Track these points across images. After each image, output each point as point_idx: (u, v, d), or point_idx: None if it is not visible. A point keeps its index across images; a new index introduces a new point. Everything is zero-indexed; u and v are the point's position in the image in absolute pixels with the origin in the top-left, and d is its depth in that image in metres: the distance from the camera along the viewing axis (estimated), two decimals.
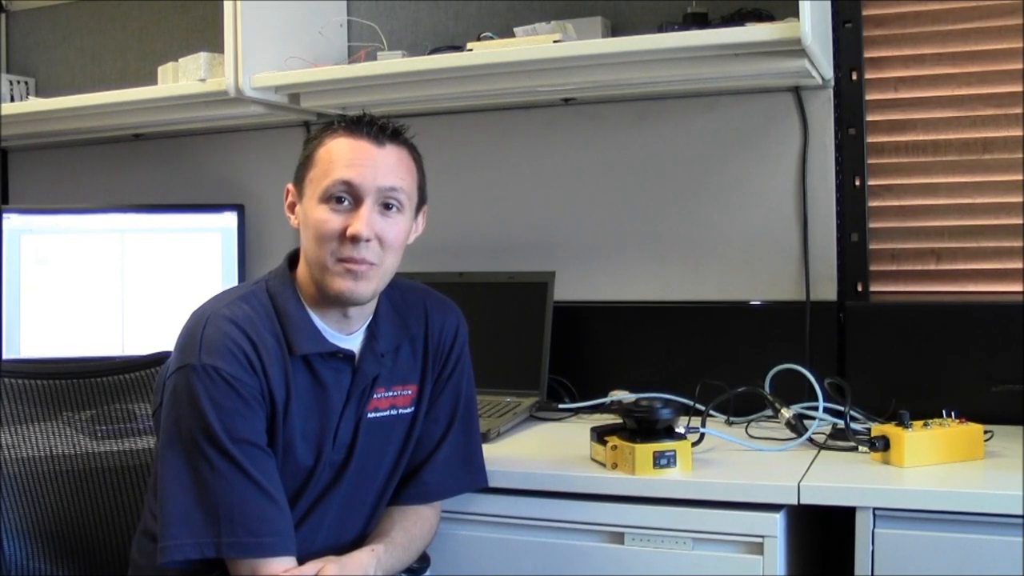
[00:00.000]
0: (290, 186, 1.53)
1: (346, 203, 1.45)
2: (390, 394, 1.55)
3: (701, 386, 1.95)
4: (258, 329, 1.43)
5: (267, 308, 1.47)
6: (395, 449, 1.57)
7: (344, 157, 1.45)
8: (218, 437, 1.37)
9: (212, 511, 1.36)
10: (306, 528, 1.48)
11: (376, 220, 1.45)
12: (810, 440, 1.79)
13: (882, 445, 1.64)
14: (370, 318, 1.55)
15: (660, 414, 1.63)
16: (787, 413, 1.87)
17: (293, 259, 1.54)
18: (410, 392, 1.58)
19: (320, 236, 1.45)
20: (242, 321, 1.43)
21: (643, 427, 1.64)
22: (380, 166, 1.46)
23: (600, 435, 1.70)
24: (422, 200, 1.55)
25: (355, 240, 1.43)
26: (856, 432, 1.78)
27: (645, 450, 1.61)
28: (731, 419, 1.98)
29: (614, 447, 1.65)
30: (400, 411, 1.57)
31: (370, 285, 1.47)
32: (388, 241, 1.47)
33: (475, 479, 1.65)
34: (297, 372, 1.46)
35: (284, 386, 1.44)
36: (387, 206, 1.47)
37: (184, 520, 1.36)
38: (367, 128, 1.47)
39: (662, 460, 1.61)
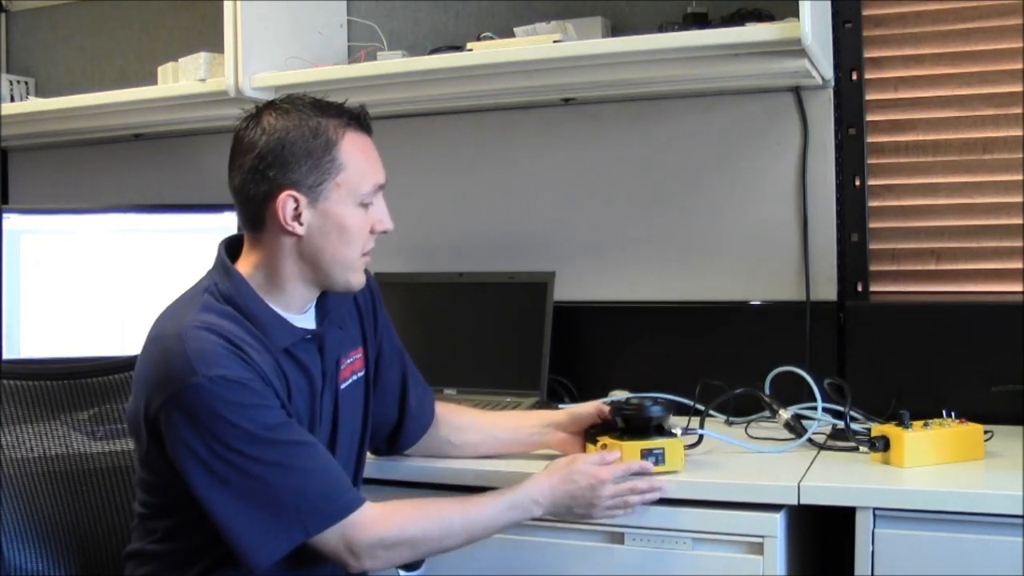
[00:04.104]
0: (295, 193, 1.42)
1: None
2: (349, 360, 1.58)
3: (701, 386, 1.94)
4: (235, 333, 1.41)
5: (229, 313, 1.43)
6: (360, 412, 1.60)
7: (372, 157, 1.48)
8: (255, 435, 1.35)
9: (278, 504, 1.35)
10: None
11: None
12: (810, 440, 1.79)
13: (882, 445, 1.64)
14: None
15: (649, 411, 1.62)
16: (785, 414, 1.86)
17: (230, 253, 1.51)
18: (359, 355, 1.61)
19: (356, 238, 1.47)
20: (218, 329, 1.39)
21: (632, 425, 1.63)
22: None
23: (592, 434, 1.70)
24: None
25: (384, 234, 1.50)
26: (856, 432, 1.78)
27: (633, 447, 1.59)
28: (731, 420, 1.98)
29: (603, 446, 1.64)
30: (357, 375, 1.59)
31: None
32: None
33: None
34: (284, 364, 1.45)
35: (281, 380, 1.43)
36: None
37: (255, 529, 1.35)
38: (364, 121, 1.49)
39: (650, 457, 1.59)
